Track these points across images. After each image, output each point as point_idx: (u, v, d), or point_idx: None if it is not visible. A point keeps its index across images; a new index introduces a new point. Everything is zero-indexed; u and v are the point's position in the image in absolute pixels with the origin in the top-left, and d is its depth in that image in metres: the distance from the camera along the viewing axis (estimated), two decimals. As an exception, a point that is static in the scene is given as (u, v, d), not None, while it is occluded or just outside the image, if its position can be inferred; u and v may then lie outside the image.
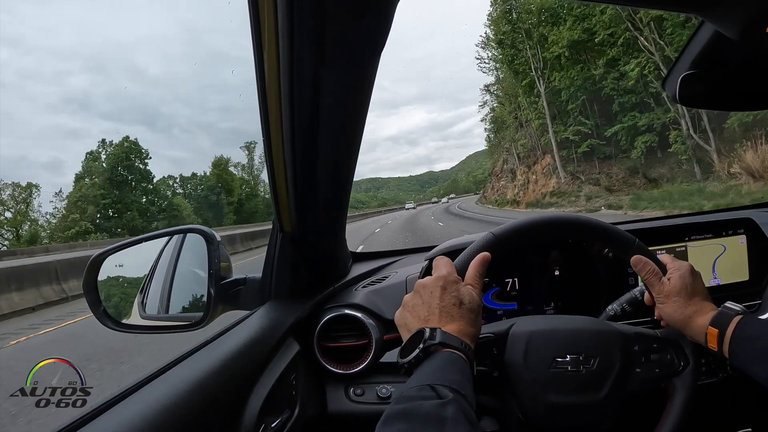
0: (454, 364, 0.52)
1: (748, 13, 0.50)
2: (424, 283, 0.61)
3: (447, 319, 0.57)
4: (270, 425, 0.65)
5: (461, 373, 0.51)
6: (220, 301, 0.82)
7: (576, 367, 0.63)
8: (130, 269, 0.87)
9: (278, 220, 0.83)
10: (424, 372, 0.52)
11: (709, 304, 0.65)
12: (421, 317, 0.58)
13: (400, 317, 0.62)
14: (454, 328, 0.56)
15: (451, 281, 0.60)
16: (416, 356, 0.53)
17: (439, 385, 0.47)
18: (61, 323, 5.92)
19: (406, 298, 0.62)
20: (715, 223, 1.05)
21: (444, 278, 0.60)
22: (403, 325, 0.61)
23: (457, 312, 0.58)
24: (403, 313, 0.62)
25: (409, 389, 0.48)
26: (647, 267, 0.67)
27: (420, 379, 0.50)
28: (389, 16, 0.51)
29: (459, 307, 0.58)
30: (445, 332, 0.55)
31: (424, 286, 0.61)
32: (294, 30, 0.50)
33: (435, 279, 0.61)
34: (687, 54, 0.72)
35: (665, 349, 0.67)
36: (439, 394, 0.46)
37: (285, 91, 0.59)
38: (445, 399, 0.45)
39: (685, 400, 0.65)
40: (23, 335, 5.40)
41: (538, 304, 1.00)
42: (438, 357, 0.53)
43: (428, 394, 0.46)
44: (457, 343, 0.54)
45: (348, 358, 0.90)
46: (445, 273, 0.61)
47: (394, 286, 1.00)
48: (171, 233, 0.90)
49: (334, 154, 0.72)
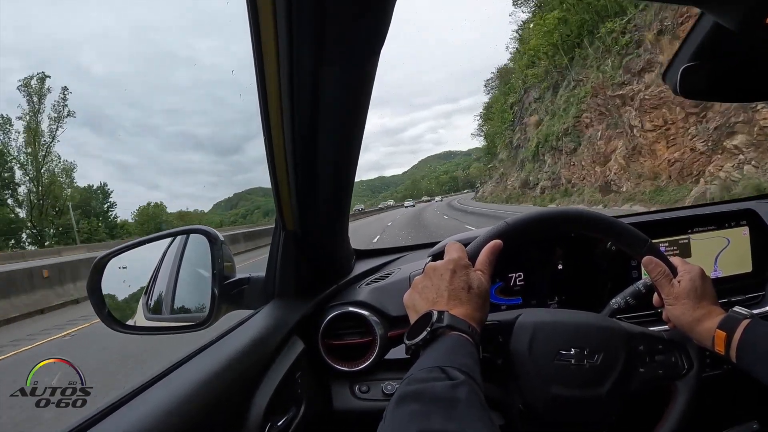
0: (463, 348, 0.52)
1: (747, 4, 0.50)
2: (434, 266, 0.62)
3: (455, 303, 0.57)
4: (276, 424, 0.65)
5: (470, 357, 0.51)
6: (223, 300, 0.82)
7: (580, 361, 0.63)
8: (134, 271, 0.87)
9: (280, 218, 0.83)
10: (432, 354, 0.52)
11: (717, 308, 0.65)
12: (429, 299, 0.59)
13: (408, 298, 0.62)
14: (461, 312, 0.56)
15: (461, 265, 0.61)
16: (424, 338, 0.54)
17: (449, 367, 0.47)
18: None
19: (416, 280, 0.63)
20: (718, 215, 1.05)
21: (455, 262, 0.61)
22: (411, 306, 0.61)
23: (465, 296, 0.58)
24: (412, 294, 0.62)
25: (419, 371, 0.48)
26: (658, 268, 0.67)
27: (429, 361, 0.50)
28: (388, 14, 0.51)
29: (468, 291, 0.58)
30: (453, 315, 0.55)
31: (434, 268, 0.62)
32: (293, 29, 0.50)
33: (446, 262, 0.61)
34: (687, 45, 0.72)
35: (670, 351, 0.67)
36: (450, 376, 0.46)
37: (285, 90, 0.59)
38: (456, 380, 0.45)
39: (686, 403, 0.65)
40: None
41: (541, 298, 1.00)
42: (446, 340, 0.53)
43: (439, 375, 0.46)
44: (464, 327, 0.54)
45: (353, 355, 0.91)
46: (456, 257, 0.62)
47: (398, 283, 1.00)
48: (174, 234, 0.90)
49: (335, 151, 0.72)
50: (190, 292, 0.93)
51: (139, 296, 0.90)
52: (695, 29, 0.69)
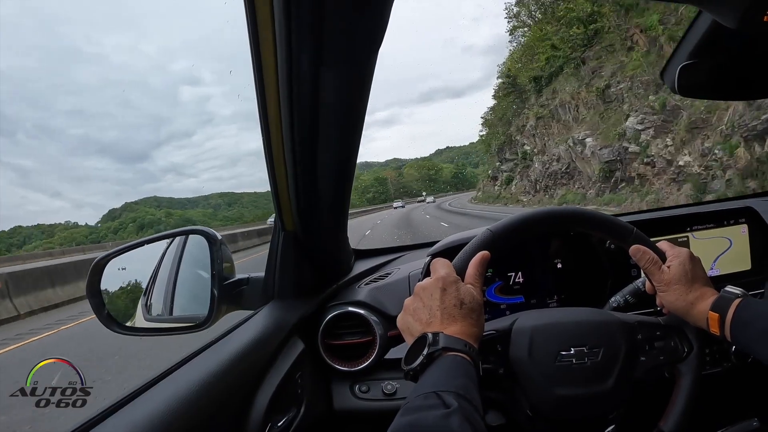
0: (459, 368, 0.52)
1: (745, 2, 0.50)
2: (423, 285, 0.61)
3: (449, 321, 0.56)
4: (277, 424, 0.65)
5: (466, 377, 0.51)
6: (223, 301, 0.82)
7: (581, 359, 0.63)
8: (134, 272, 0.87)
9: (280, 218, 0.83)
10: (429, 378, 0.51)
11: (709, 289, 0.65)
12: (423, 320, 0.58)
13: (402, 322, 0.61)
14: (456, 330, 0.55)
15: (450, 281, 0.59)
16: (421, 363, 0.53)
17: (444, 391, 0.47)
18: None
19: (407, 302, 0.62)
20: (717, 213, 1.05)
21: (443, 279, 0.60)
22: (406, 329, 0.60)
23: (458, 313, 0.57)
24: (404, 317, 0.61)
25: (415, 398, 0.48)
26: (646, 256, 0.67)
27: (425, 386, 0.50)
28: (386, 12, 0.51)
29: (460, 307, 0.57)
30: (448, 336, 0.54)
31: (423, 288, 0.60)
32: (292, 28, 0.50)
33: (434, 281, 0.60)
34: (685, 44, 0.72)
35: (669, 336, 0.67)
36: (445, 402, 0.46)
37: (284, 90, 0.59)
38: (450, 408, 0.45)
39: (691, 383, 0.65)
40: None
41: (541, 297, 1.00)
42: (442, 361, 0.53)
43: (434, 402, 0.46)
44: (460, 346, 0.54)
45: (353, 355, 0.91)
46: (443, 274, 0.60)
47: (397, 283, 1.00)
48: (173, 235, 0.90)
49: (334, 151, 0.72)
50: (190, 293, 0.93)
51: (139, 297, 0.90)
52: (693, 28, 0.70)
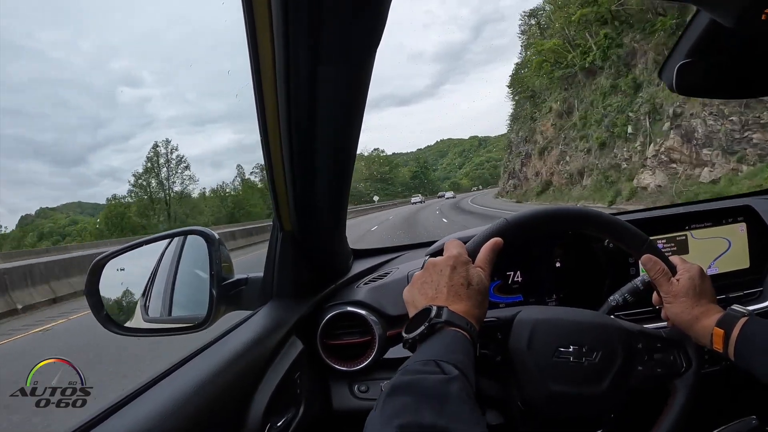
0: (459, 344, 0.52)
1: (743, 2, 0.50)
2: (434, 261, 0.62)
3: (454, 299, 0.57)
4: (275, 424, 0.65)
5: (465, 354, 0.51)
6: (222, 301, 0.82)
7: (578, 358, 0.63)
8: (132, 272, 0.87)
9: (278, 218, 0.83)
10: (429, 348, 0.52)
11: (716, 306, 0.65)
12: (428, 295, 0.59)
13: (408, 294, 0.62)
14: (460, 308, 0.56)
15: (461, 261, 0.61)
16: (421, 332, 0.54)
17: (443, 361, 0.48)
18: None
19: (416, 276, 0.63)
20: (715, 212, 1.05)
21: (455, 258, 0.61)
22: (410, 301, 0.61)
23: (464, 292, 0.58)
24: (411, 289, 0.62)
25: (414, 362, 0.49)
26: (657, 266, 0.68)
27: (425, 354, 0.51)
28: (385, 10, 0.51)
29: (467, 287, 0.58)
30: (452, 311, 0.55)
31: (434, 264, 0.62)
32: (290, 28, 0.50)
33: (446, 258, 0.61)
34: (683, 43, 0.72)
35: (669, 350, 0.67)
36: (444, 371, 0.46)
37: (281, 90, 0.58)
38: (450, 375, 0.45)
39: (685, 401, 0.65)
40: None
41: (540, 295, 1.00)
42: (443, 335, 0.53)
43: (433, 369, 0.47)
44: (462, 323, 0.55)
45: (351, 355, 0.91)
46: (456, 253, 0.62)
47: (396, 282, 1.00)
48: (172, 235, 0.90)
49: (332, 151, 0.71)
50: (189, 293, 0.93)
51: (137, 298, 0.90)
52: (691, 26, 0.69)
